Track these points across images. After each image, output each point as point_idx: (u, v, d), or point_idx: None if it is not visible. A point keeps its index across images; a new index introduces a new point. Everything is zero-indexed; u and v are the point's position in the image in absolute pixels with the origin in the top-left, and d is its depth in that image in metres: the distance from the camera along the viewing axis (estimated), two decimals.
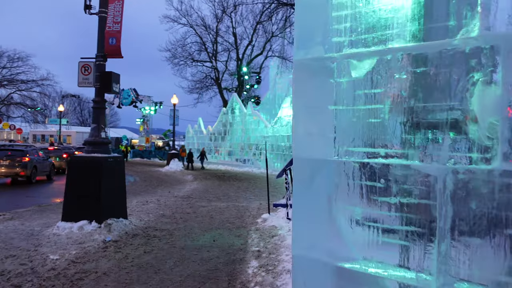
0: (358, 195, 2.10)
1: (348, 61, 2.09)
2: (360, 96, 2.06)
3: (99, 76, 7.06)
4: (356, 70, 2.07)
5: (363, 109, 2.04)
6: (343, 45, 2.13)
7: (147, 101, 43.90)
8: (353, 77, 2.08)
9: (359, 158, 2.08)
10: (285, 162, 23.18)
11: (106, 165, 6.80)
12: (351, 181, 2.12)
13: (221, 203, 11.18)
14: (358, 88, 2.07)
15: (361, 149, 2.05)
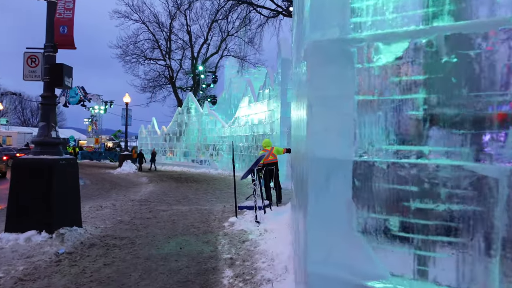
0: (387, 201, 1.78)
1: (377, 43, 1.77)
2: (393, 85, 1.74)
3: (48, 69, 6.32)
4: (387, 54, 1.75)
5: (397, 100, 1.73)
6: (368, 25, 1.81)
7: (97, 100, 41.81)
8: (384, 62, 1.76)
9: (389, 158, 1.76)
10: (243, 163, 22.90)
11: (57, 168, 6.09)
12: (378, 184, 1.80)
13: (182, 206, 10.62)
14: (390, 75, 1.75)
15: (394, 147, 1.74)
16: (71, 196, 6.47)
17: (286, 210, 8.63)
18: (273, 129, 17.83)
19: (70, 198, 6.44)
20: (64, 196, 6.24)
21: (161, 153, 32.46)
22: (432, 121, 1.61)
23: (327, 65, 1.88)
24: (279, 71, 15.78)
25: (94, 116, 49.97)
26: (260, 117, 20.33)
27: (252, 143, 21.35)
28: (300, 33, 2.45)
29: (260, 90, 20.59)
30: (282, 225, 7.09)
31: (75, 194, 6.59)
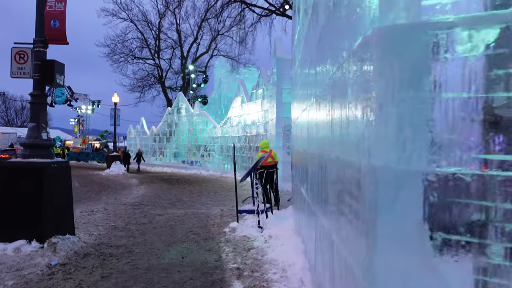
0: (475, 222, 1.46)
1: (463, 29, 1.44)
2: (483, 80, 1.42)
3: (38, 66, 5.88)
4: (477, 42, 1.43)
5: (489, 98, 1.41)
6: (451, 7, 1.48)
7: (84, 99, 40.94)
8: (474, 52, 1.43)
9: (478, 169, 1.44)
10: (237, 164, 22.52)
11: (48, 172, 5.65)
12: (463, 201, 1.48)
13: (177, 210, 10.22)
14: (480, 67, 1.43)
15: (488, 156, 1.41)
16: (64, 202, 6.04)
17: (288, 215, 8.32)
18: (268, 130, 17.51)
19: (63, 204, 6.00)
20: (56, 202, 5.81)
21: (151, 153, 31.88)
22: None
23: (398, 56, 1.55)
24: (274, 71, 15.47)
25: (81, 116, 49.01)
26: (253, 118, 20.00)
27: (245, 143, 21.00)
28: (346, 21, 2.11)
29: (253, 90, 20.25)
30: (287, 231, 6.77)
31: (67, 199, 6.16)
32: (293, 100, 9.27)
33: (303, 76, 5.77)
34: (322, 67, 3.31)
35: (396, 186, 1.56)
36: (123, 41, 36.16)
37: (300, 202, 5.80)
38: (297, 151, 6.67)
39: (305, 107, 5.45)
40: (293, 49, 9.25)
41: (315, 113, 3.77)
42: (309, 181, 4.56)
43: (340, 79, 2.30)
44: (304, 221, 4.98)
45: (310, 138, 4.35)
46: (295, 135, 7.94)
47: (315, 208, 3.82)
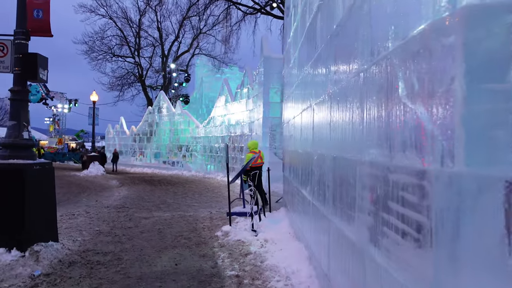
0: None
1: None
2: None
3: (20, 59, 5.43)
4: None
5: None
6: None
7: (60, 98, 39.67)
8: None
9: None
10: (219, 164, 22.15)
11: (31, 174, 5.22)
12: None
13: (163, 213, 9.83)
14: None
15: None
16: (47, 206, 5.61)
17: (281, 217, 8.08)
18: (253, 130, 17.25)
19: (46, 208, 5.58)
20: (38, 207, 5.38)
21: (130, 154, 31.14)
22: None
23: (484, 42, 1.32)
24: (261, 70, 15.22)
25: (56, 116, 47.57)
26: (237, 118, 19.70)
27: (229, 144, 20.67)
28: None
29: (237, 89, 19.96)
30: (284, 234, 6.52)
31: (50, 204, 5.73)
32: (285, 100, 9.04)
33: (304, 75, 5.54)
34: (341, 64, 3.07)
35: (480, 194, 1.32)
36: (102, 38, 35.25)
37: (301, 205, 5.56)
38: (295, 152, 6.43)
39: (306, 107, 5.22)
40: (285, 47, 9.03)
41: (328, 112, 3.53)
42: (315, 183, 4.32)
43: (382, 74, 2.05)
44: (308, 225, 4.74)
45: (319, 138, 4.11)
46: (289, 136, 7.71)
47: (327, 212, 3.57)
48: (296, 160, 6.25)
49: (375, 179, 2.18)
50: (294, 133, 6.72)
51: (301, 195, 5.54)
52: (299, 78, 6.24)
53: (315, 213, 4.25)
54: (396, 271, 1.89)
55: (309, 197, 4.74)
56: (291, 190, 7.19)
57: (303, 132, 5.42)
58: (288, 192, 7.75)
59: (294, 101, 6.96)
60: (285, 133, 8.73)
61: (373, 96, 2.19)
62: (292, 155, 7.02)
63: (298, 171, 5.97)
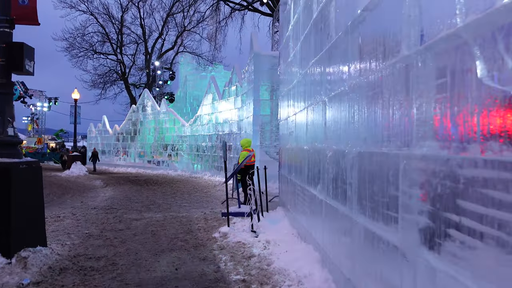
0: None
1: None
2: None
3: (4, 49, 4.99)
4: None
5: None
6: None
7: (39, 96, 38.49)
8: None
9: None
10: (207, 163, 21.74)
11: (17, 174, 4.80)
12: None
13: (154, 214, 9.44)
14: None
15: None
16: (34, 208, 5.19)
17: (279, 217, 7.81)
18: (242, 128, 16.95)
19: (33, 211, 5.16)
20: (25, 209, 4.97)
21: (114, 153, 30.40)
22: None
23: None
24: (252, 68, 14.92)
25: (35, 114, 46.20)
26: (225, 116, 19.36)
27: (217, 142, 20.31)
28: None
29: (225, 87, 19.61)
30: (286, 235, 6.26)
31: (38, 206, 5.32)
32: (281, 97, 8.77)
33: (310, 68, 5.28)
34: (370, 52, 2.82)
35: None
36: (83, 34, 34.29)
37: (307, 204, 5.29)
38: (298, 150, 6.17)
39: (314, 102, 4.96)
40: (281, 43, 8.75)
41: (350, 106, 3.27)
42: (329, 181, 4.06)
43: (443, 57, 1.80)
44: (319, 225, 4.48)
45: (334, 134, 3.85)
46: (288, 133, 7.45)
47: (350, 212, 3.32)
48: (300, 158, 5.99)
49: (432, 176, 1.92)
50: (296, 130, 6.46)
51: (308, 194, 5.27)
52: (301, 73, 5.98)
53: (330, 213, 3.99)
54: (468, 279, 1.64)
55: (320, 196, 4.48)
56: (291, 189, 6.93)
57: (310, 128, 5.16)
58: (288, 192, 7.48)
59: (294, 98, 6.70)
60: (283, 131, 8.46)
61: (430, 83, 1.93)
62: (293, 152, 6.76)
63: (302, 169, 5.71)
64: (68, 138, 70.22)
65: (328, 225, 4.09)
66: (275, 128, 14.63)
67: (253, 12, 25.22)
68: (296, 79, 6.54)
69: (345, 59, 3.55)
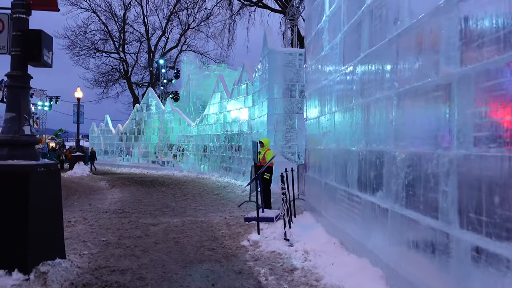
0: None
1: None
2: None
3: (19, 37, 4.44)
4: None
5: None
6: None
7: (40, 95, 37.84)
8: None
9: None
10: (214, 164, 21.16)
11: (35, 178, 4.25)
12: None
13: (170, 218, 8.88)
14: None
15: None
16: (53, 216, 4.64)
17: (310, 223, 7.26)
18: (254, 128, 16.39)
19: (51, 220, 4.61)
20: (43, 218, 4.41)
21: (117, 153, 29.80)
22: None
23: None
24: (266, 66, 14.37)
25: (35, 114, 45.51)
26: (235, 115, 18.80)
27: (225, 142, 19.75)
28: None
29: (234, 85, 19.04)
30: (325, 244, 5.71)
31: (56, 213, 4.76)
32: (309, 95, 8.22)
33: (361, 64, 4.74)
34: (465, 45, 2.28)
35: None
36: (85, 32, 33.69)
37: (357, 212, 4.73)
38: (339, 151, 5.62)
39: (370, 99, 4.42)
40: (309, 38, 8.19)
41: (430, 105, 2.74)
42: (400, 188, 3.52)
43: None
44: (385, 238, 3.93)
45: (409, 134, 3.31)
46: (321, 134, 6.89)
47: (445, 227, 2.77)
48: (342, 160, 5.44)
49: None
50: (335, 129, 5.91)
51: (358, 201, 4.73)
52: (344, 67, 5.43)
53: (404, 224, 3.45)
54: None
55: (383, 204, 3.93)
56: (327, 193, 6.39)
57: (361, 128, 4.61)
58: (320, 195, 6.93)
59: (332, 95, 6.16)
60: (311, 131, 7.91)
61: None
62: (329, 154, 6.20)
63: (348, 172, 5.16)
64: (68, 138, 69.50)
65: (400, 238, 3.55)
66: (289, 128, 14.09)
67: (262, 8, 24.63)
68: (334, 74, 6.00)
69: (433, 46, 3.00)
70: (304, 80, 14.35)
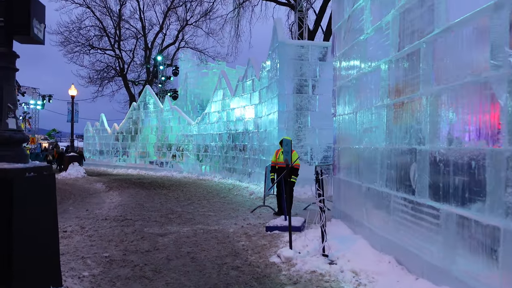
0: None
1: None
2: None
3: (2, 4, 3.43)
4: None
5: None
6: None
7: (32, 93, 36.55)
8: None
9: None
10: (216, 165, 20.12)
11: (21, 186, 3.24)
12: None
13: (179, 226, 7.88)
14: None
15: None
16: (46, 235, 3.63)
17: (345, 234, 6.29)
18: (261, 126, 15.41)
19: (44, 239, 3.60)
20: (33, 238, 3.40)
21: (113, 154, 28.66)
22: None
23: None
24: (274, 58, 13.38)
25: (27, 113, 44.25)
26: (239, 113, 17.80)
27: (229, 142, 18.75)
28: None
29: (238, 82, 18.04)
30: (376, 263, 4.74)
31: (50, 231, 3.75)
32: (339, 89, 7.25)
33: (428, 45, 3.77)
34: None
35: None
36: (79, 28, 32.47)
37: (442, 230, 3.74)
38: (393, 152, 4.65)
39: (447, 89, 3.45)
40: (338, 23, 7.22)
41: None
42: None
43: None
44: (493, 264, 2.96)
45: None
46: (362, 130, 5.92)
47: None
48: (401, 162, 4.47)
49: None
50: (385, 125, 4.95)
51: (434, 214, 3.76)
52: (404, 50, 4.47)
53: None
54: None
55: (488, 220, 2.96)
56: (371, 200, 5.42)
57: (444, 121, 3.65)
58: (360, 202, 5.96)
59: (377, 85, 5.20)
60: (343, 128, 6.94)
61: None
62: (377, 154, 5.23)
63: (411, 176, 4.19)
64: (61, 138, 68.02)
65: None
66: (301, 126, 13.12)
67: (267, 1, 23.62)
68: (383, 60, 5.03)
69: None
70: (318, 74, 13.45)
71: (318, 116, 13.02)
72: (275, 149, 13.61)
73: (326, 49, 13.03)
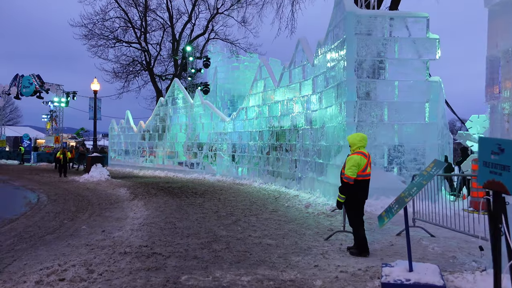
0: None
1: None
2: None
3: None
4: None
5: None
6: None
7: (56, 90, 34.94)
8: None
9: None
10: (256, 167, 17.29)
11: None
12: None
13: (233, 271, 5.17)
14: None
15: None
16: None
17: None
18: (315, 122, 12.57)
19: None
20: None
21: (139, 154, 26.44)
22: None
23: None
24: (341, 35, 10.49)
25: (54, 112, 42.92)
26: (286, 106, 15.00)
27: (272, 141, 15.99)
28: None
29: (284, 70, 15.24)
30: None
31: None
32: None
33: None
34: None
35: None
36: (103, 20, 30.49)
37: None
38: None
39: None
40: None
41: None
42: None
43: None
44: None
45: None
46: None
47: None
48: None
49: None
50: None
51: None
52: None
53: None
54: None
55: None
56: None
57: None
58: None
59: None
60: None
61: None
62: None
63: None
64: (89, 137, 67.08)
65: None
66: (376, 121, 10.18)
67: None
68: None
69: None
70: (397, 53, 10.53)
71: (398, 107, 10.05)
72: (337, 150, 10.76)
73: (416, 20, 9.97)
